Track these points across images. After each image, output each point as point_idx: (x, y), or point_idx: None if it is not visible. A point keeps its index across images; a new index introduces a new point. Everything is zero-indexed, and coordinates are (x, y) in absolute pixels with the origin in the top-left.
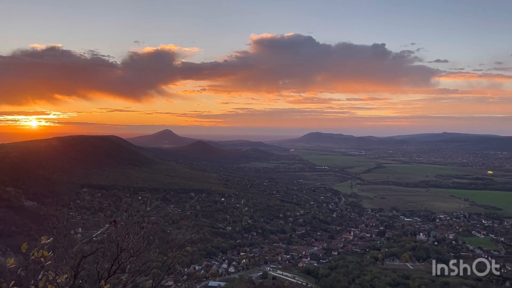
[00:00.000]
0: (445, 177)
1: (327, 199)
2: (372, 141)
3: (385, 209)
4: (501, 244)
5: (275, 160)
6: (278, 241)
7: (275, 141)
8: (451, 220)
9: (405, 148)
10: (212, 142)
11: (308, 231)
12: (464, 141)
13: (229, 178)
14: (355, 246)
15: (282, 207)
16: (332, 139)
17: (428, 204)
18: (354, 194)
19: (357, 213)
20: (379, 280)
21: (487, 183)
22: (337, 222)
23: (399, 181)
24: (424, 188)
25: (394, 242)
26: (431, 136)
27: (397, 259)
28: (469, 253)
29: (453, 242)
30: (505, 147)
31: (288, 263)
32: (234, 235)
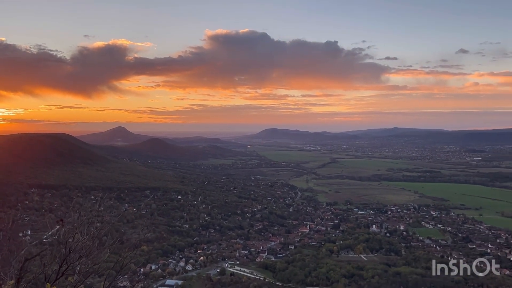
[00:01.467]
0: (396, 171)
1: (283, 194)
2: (326, 136)
3: (340, 202)
4: (448, 233)
5: (232, 157)
6: (236, 237)
7: (232, 138)
8: (402, 212)
9: (358, 143)
10: (167, 139)
11: (266, 226)
12: (414, 135)
13: (185, 175)
14: (311, 240)
15: (239, 203)
16: (288, 135)
17: (380, 197)
18: (310, 189)
19: (313, 207)
20: (334, 272)
21: (435, 175)
22: (294, 217)
23: (353, 175)
24: (376, 182)
25: (349, 234)
26: (382, 131)
27: (352, 251)
28: (419, 243)
29: (404, 233)
30: (451, 141)
31: (246, 259)
32: (192, 233)
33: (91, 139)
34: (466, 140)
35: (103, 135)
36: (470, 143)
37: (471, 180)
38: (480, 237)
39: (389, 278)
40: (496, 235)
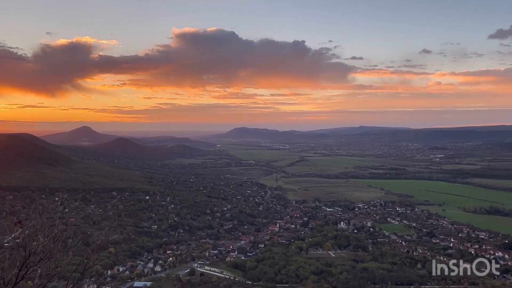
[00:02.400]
0: (363, 168)
1: (253, 193)
2: (295, 135)
3: (309, 200)
4: (413, 229)
5: (202, 156)
6: (205, 237)
7: (201, 137)
8: (369, 209)
9: (326, 141)
10: (135, 139)
11: (236, 226)
12: (379, 134)
13: (153, 175)
14: (281, 238)
15: (209, 202)
16: (258, 133)
17: (347, 194)
18: (279, 187)
19: (282, 205)
20: (303, 270)
21: (400, 172)
22: (264, 215)
23: (321, 173)
24: (344, 179)
25: (317, 232)
26: (349, 129)
27: (320, 248)
28: (385, 239)
29: (371, 229)
30: (416, 139)
31: (216, 259)
32: (160, 234)
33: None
34: (430, 138)
35: (68, 135)
36: (433, 141)
37: (435, 177)
38: (444, 232)
39: (357, 274)
40: (458, 229)
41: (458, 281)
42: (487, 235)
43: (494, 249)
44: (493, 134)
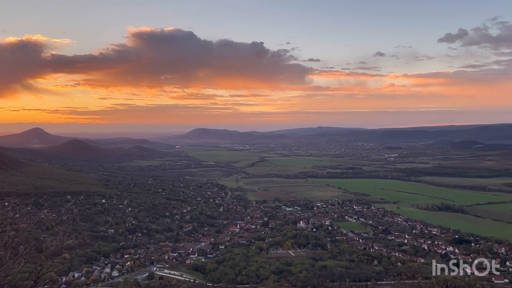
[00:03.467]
0: (321, 168)
1: (214, 194)
2: (255, 135)
3: (269, 200)
4: (370, 226)
5: (160, 158)
6: (164, 240)
7: (160, 138)
8: (327, 208)
9: (285, 142)
10: (90, 141)
11: (196, 227)
12: (337, 134)
13: (110, 178)
14: (241, 238)
15: (168, 205)
16: (218, 134)
17: (306, 194)
18: (239, 188)
19: (243, 206)
20: (264, 269)
21: (357, 172)
22: (224, 216)
23: (281, 173)
24: (303, 179)
25: (277, 231)
26: (308, 130)
27: (280, 247)
28: (343, 237)
29: (329, 228)
30: (371, 139)
31: (175, 261)
32: (117, 238)
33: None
34: (384, 138)
35: (18, 137)
36: (388, 141)
37: (389, 176)
38: (398, 228)
39: (316, 272)
40: (412, 226)
41: (412, 276)
42: (439, 230)
43: (445, 244)
44: (443, 134)
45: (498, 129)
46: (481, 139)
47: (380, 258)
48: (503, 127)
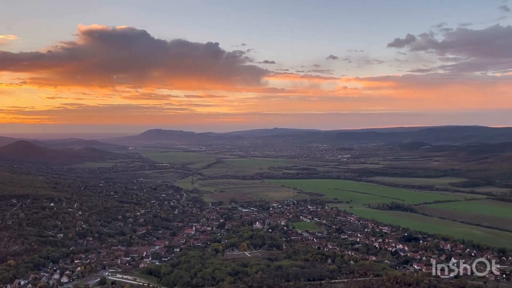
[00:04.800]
0: (277, 169)
1: (168, 197)
2: (211, 137)
3: (225, 202)
4: (324, 226)
5: (113, 159)
6: (117, 244)
7: (112, 139)
8: (283, 208)
9: (242, 143)
10: (37, 142)
11: (150, 231)
12: (292, 135)
13: (59, 180)
14: (197, 241)
15: (121, 208)
16: (173, 135)
17: (263, 195)
18: (195, 190)
19: (199, 208)
20: (220, 271)
21: (311, 172)
22: (179, 219)
23: (237, 174)
24: (259, 180)
25: (233, 232)
26: (264, 131)
27: (237, 248)
28: (298, 236)
29: (285, 228)
30: (325, 140)
31: (128, 266)
32: (67, 242)
33: None
34: (338, 139)
35: None
36: (341, 142)
37: (343, 176)
38: (351, 227)
39: (272, 272)
40: (364, 225)
41: (365, 273)
42: (389, 229)
43: (395, 242)
44: (393, 135)
45: (444, 131)
46: (429, 141)
47: (334, 257)
48: (449, 129)
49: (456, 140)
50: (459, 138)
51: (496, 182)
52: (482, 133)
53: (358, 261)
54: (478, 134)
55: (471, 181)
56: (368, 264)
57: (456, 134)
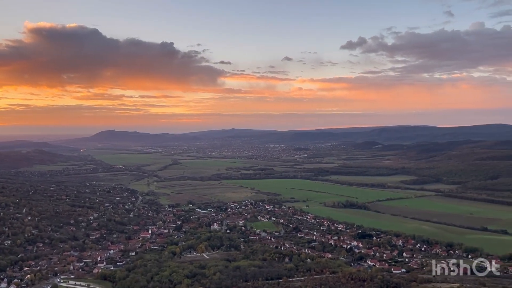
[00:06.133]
0: (235, 170)
1: (123, 200)
2: (167, 138)
3: (182, 203)
4: (281, 225)
5: (64, 162)
6: (69, 250)
7: (63, 141)
8: (241, 208)
9: (199, 144)
10: None
11: (104, 235)
12: (250, 136)
13: (6, 185)
14: (153, 244)
15: (73, 212)
16: (127, 137)
17: (220, 196)
18: (151, 192)
19: (155, 211)
20: (177, 274)
21: (269, 172)
22: (135, 222)
23: (194, 175)
24: (216, 181)
25: (191, 234)
26: (221, 132)
27: (194, 250)
28: (256, 236)
29: (243, 228)
30: (282, 140)
31: (82, 271)
32: (15, 249)
33: None
34: (294, 139)
35: None
36: (297, 142)
37: (299, 175)
38: (308, 226)
39: (230, 273)
40: (320, 223)
41: (321, 271)
42: (344, 226)
43: (350, 239)
44: (347, 136)
45: (395, 130)
46: (380, 140)
47: (291, 255)
48: (399, 129)
49: (406, 140)
50: (409, 138)
51: (443, 180)
52: (431, 132)
53: (315, 259)
54: (427, 134)
55: (421, 179)
56: (324, 261)
57: (406, 133)
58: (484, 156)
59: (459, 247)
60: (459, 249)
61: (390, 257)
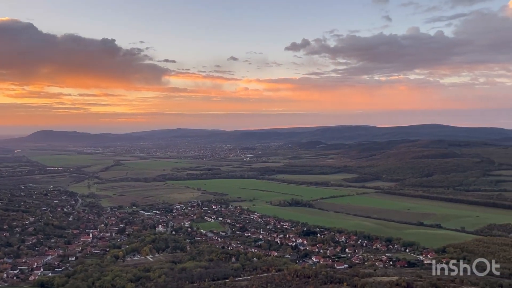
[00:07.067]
0: (180, 170)
1: (62, 203)
2: (109, 138)
3: (125, 206)
4: (228, 225)
5: None
6: (2, 256)
7: None
8: (187, 209)
9: (143, 144)
10: None
11: (41, 240)
12: (196, 136)
13: None
14: (95, 248)
15: (6, 216)
16: (66, 137)
17: (166, 197)
18: (92, 194)
19: (96, 214)
20: (120, 278)
21: (215, 172)
22: (74, 226)
23: (138, 176)
24: (161, 182)
25: (135, 237)
26: (166, 132)
27: (138, 253)
28: (202, 237)
29: (189, 229)
30: (229, 140)
31: (16, 279)
32: None
33: None
34: (241, 139)
35: None
36: (244, 142)
37: (246, 175)
38: (254, 225)
39: (176, 275)
40: (266, 222)
41: (267, 269)
42: (290, 224)
43: (295, 237)
44: (292, 135)
45: (338, 130)
46: (324, 140)
47: (238, 255)
48: (342, 129)
49: (348, 139)
50: (351, 137)
51: (383, 177)
52: (371, 132)
53: (261, 257)
54: (367, 133)
55: (362, 177)
56: (270, 260)
57: (348, 133)
58: (419, 155)
59: (398, 242)
60: (397, 244)
61: (333, 253)
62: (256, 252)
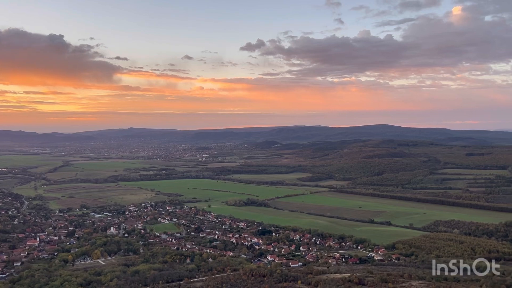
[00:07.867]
0: (133, 171)
1: (6, 205)
2: (57, 137)
3: (75, 208)
4: (183, 226)
5: None
6: None
7: None
8: (140, 211)
9: (93, 144)
10: None
11: None
12: (149, 135)
13: None
14: (42, 252)
15: None
16: (11, 136)
17: (118, 198)
18: (39, 196)
19: (43, 216)
20: (69, 283)
21: (170, 173)
22: (20, 230)
23: (89, 177)
24: (113, 183)
25: (85, 240)
26: (118, 131)
27: (89, 257)
28: (156, 239)
29: (142, 231)
30: (184, 140)
31: None
32: None
33: None
34: (196, 139)
35: None
36: (199, 142)
37: (201, 175)
38: (210, 225)
39: (128, 278)
40: (222, 222)
41: (222, 269)
42: (245, 224)
43: (251, 236)
44: (248, 135)
45: (292, 130)
46: (279, 140)
47: (193, 256)
48: (296, 129)
49: (302, 139)
50: (305, 137)
51: (336, 176)
52: (324, 132)
53: (216, 258)
54: (321, 133)
55: (316, 176)
56: (225, 260)
57: (303, 133)
58: (371, 154)
59: (350, 239)
60: (350, 241)
61: (288, 251)
62: (211, 253)
